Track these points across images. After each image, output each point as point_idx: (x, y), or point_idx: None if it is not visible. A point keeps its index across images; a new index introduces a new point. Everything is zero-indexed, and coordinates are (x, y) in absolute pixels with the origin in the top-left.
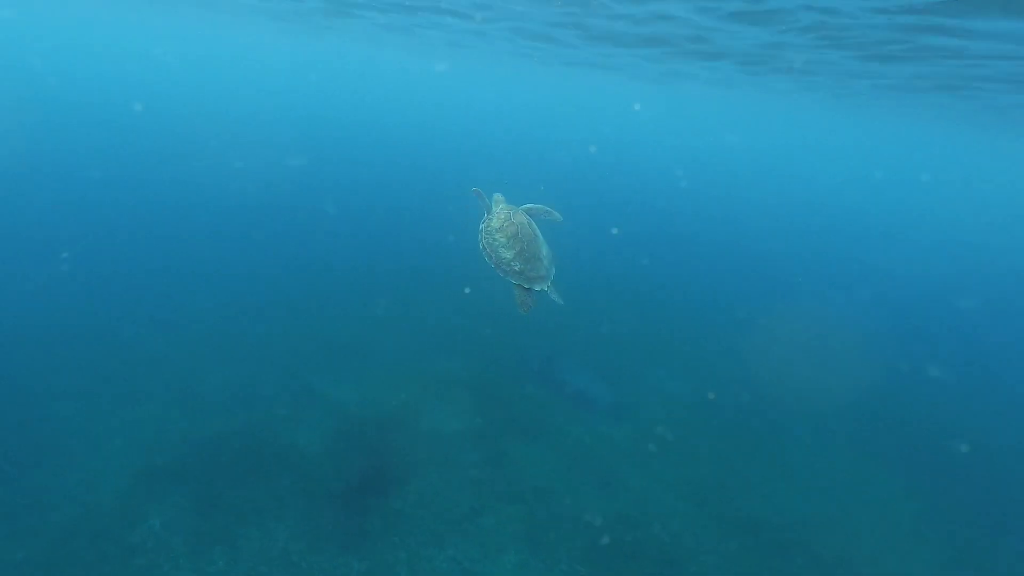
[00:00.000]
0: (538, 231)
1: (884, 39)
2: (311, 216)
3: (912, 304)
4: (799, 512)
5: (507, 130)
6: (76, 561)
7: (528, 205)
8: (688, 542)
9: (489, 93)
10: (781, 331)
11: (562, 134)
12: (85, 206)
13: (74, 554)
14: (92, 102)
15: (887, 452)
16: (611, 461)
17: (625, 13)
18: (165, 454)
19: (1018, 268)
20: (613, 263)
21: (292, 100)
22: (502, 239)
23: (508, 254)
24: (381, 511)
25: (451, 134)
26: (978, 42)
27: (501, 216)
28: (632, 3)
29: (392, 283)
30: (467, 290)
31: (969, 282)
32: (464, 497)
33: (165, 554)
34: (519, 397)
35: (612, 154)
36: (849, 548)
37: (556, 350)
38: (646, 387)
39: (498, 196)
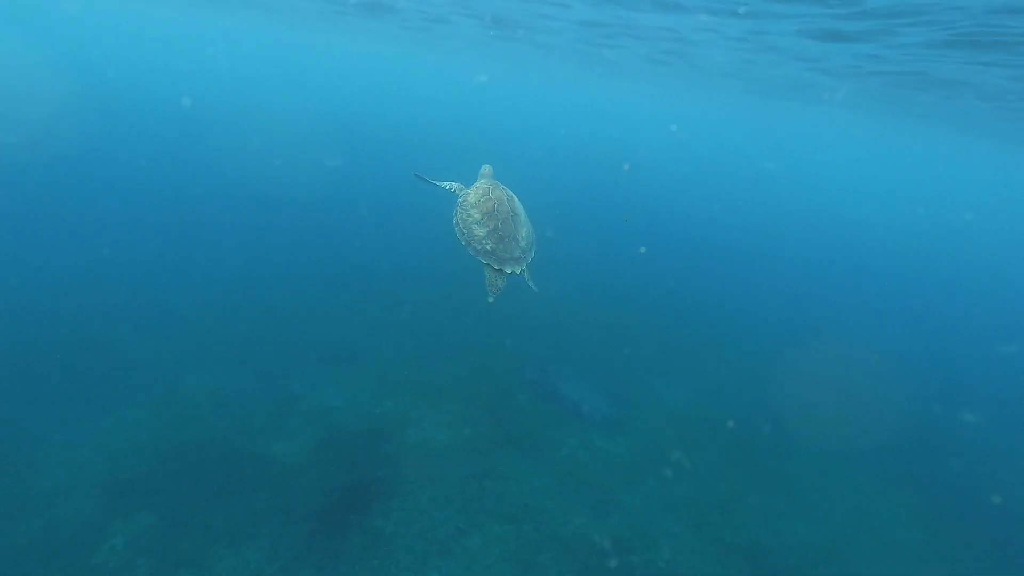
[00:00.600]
0: (520, 210)
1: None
2: (298, 212)
3: (933, 322)
4: (801, 538)
5: (516, 128)
6: None
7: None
8: (684, 568)
9: (502, 94)
10: (791, 345)
11: (576, 135)
12: (60, 197)
13: (28, 574)
14: (101, 92)
15: (892, 475)
16: (606, 478)
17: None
18: (135, 466)
19: None
20: (618, 265)
21: (296, 95)
22: (477, 215)
23: (481, 231)
24: (362, 529)
25: (455, 130)
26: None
27: (480, 190)
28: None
29: (383, 283)
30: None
31: (1000, 303)
32: (450, 515)
33: None
34: (511, 407)
35: (623, 155)
36: None
37: (552, 357)
38: (645, 399)
39: (485, 168)
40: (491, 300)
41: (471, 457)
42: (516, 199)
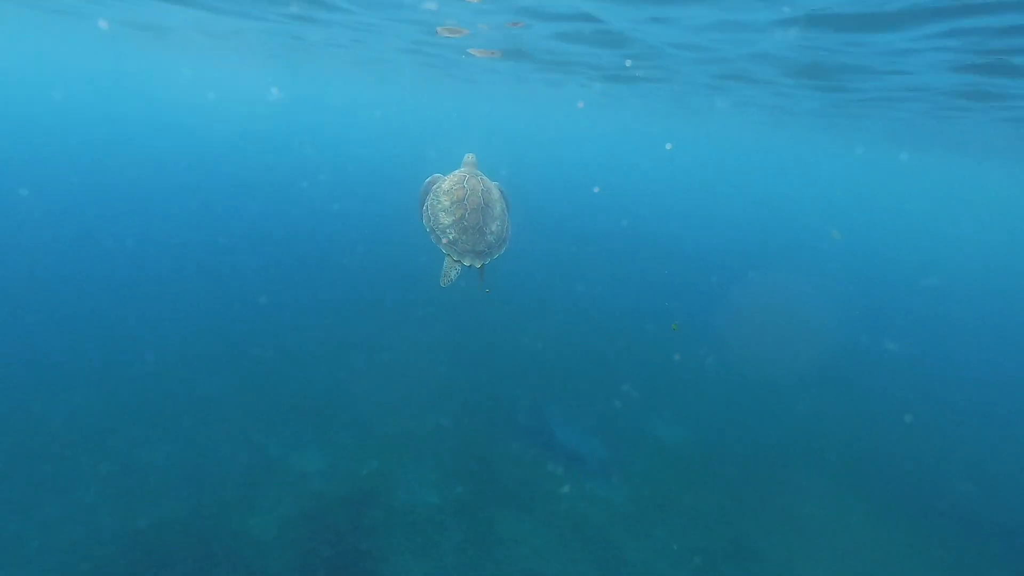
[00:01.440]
0: (496, 203)
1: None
2: (261, 255)
3: (919, 331)
4: None
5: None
6: None
7: (496, 184)
8: None
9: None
10: (779, 367)
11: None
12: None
13: None
14: None
15: (902, 497)
16: (610, 531)
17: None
18: (92, 556)
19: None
20: (604, 296)
21: (265, 124)
22: (446, 202)
23: (447, 219)
24: None
25: (440, 156)
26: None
27: (455, 178)
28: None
29: (360, 326)
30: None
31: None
32: None
33: None
34: (503, 457)
35: (612, 181)
36: None
37: (542, 397)
38: (642, 438)
39: (468, 157)
40: (443, 284)
41: (465, 519)
42: (495, 191)
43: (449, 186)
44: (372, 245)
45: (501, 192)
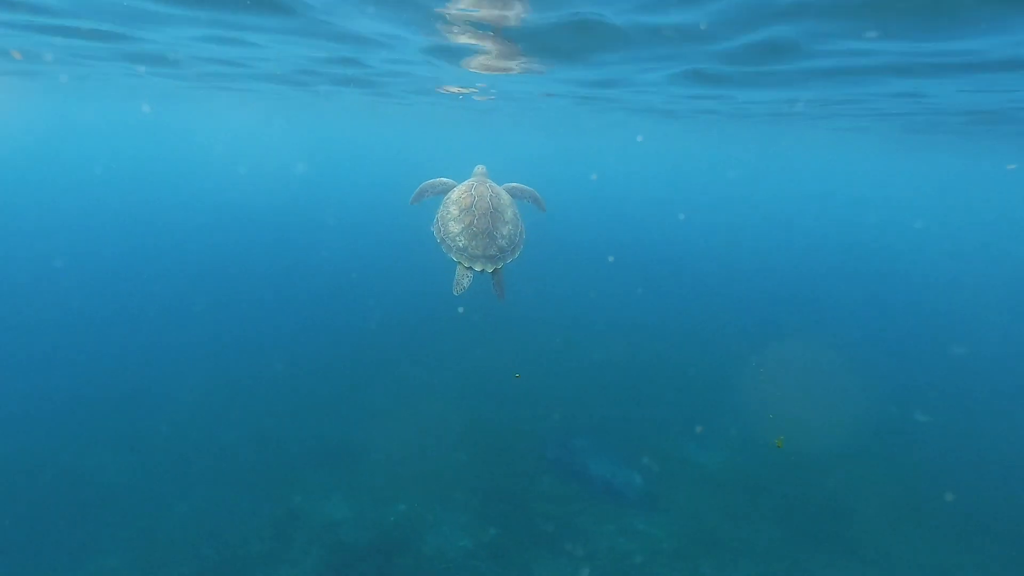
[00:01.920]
0: (506, 207)
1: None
2: (275, 302)
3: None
4: None
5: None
6: None
7: (512, 184)
8: None
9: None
10: (822, 381)
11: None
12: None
13: None
14: None
15: (968, 517)
16: (654, 570)
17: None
18: None
19: None
20: (631, 319)
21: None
22: (455, 211)
23: (456, 227)
24: None
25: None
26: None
27: (463, 187)
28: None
29: (375, 360)
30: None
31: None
32: None
33: None
34: (536, 494)
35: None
36: None
37: (572, 427)
38: (678, 465)
39: (478, 168)
40: (456, 293)
41: (499, 564)
42: (504, 196)
43: (458, 195)
44: (385, 276)
45: (529, 193)
